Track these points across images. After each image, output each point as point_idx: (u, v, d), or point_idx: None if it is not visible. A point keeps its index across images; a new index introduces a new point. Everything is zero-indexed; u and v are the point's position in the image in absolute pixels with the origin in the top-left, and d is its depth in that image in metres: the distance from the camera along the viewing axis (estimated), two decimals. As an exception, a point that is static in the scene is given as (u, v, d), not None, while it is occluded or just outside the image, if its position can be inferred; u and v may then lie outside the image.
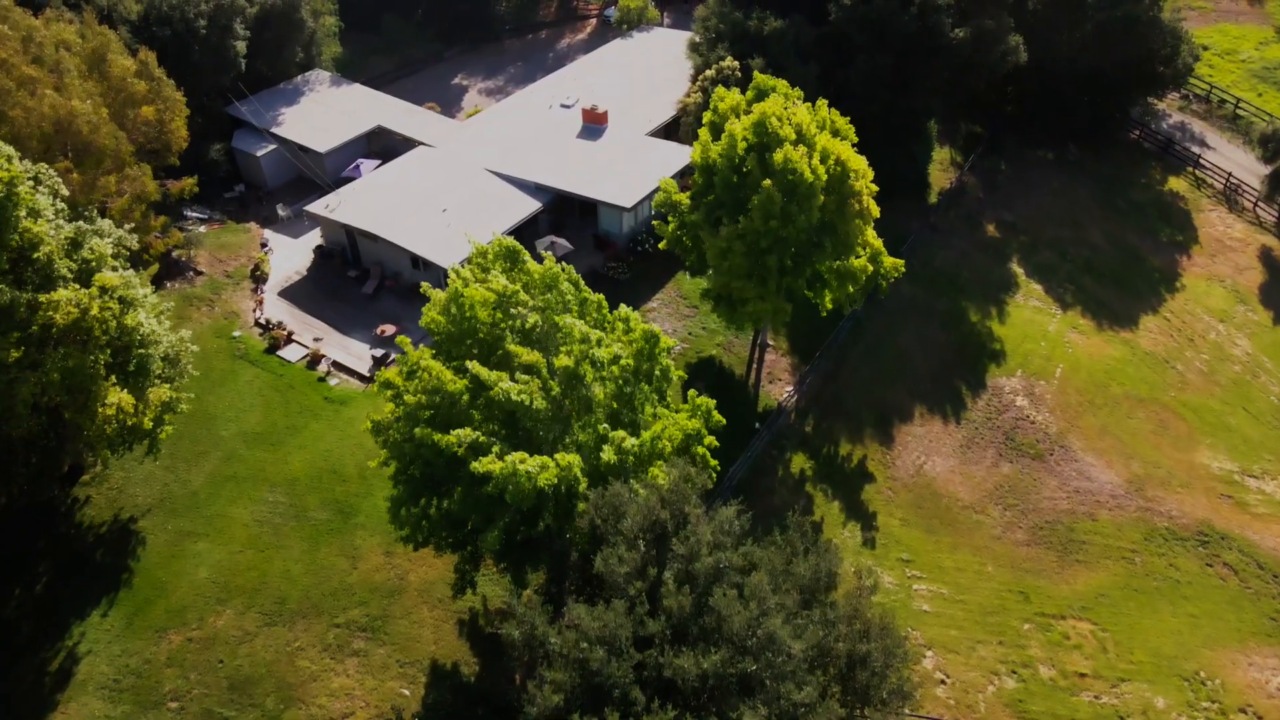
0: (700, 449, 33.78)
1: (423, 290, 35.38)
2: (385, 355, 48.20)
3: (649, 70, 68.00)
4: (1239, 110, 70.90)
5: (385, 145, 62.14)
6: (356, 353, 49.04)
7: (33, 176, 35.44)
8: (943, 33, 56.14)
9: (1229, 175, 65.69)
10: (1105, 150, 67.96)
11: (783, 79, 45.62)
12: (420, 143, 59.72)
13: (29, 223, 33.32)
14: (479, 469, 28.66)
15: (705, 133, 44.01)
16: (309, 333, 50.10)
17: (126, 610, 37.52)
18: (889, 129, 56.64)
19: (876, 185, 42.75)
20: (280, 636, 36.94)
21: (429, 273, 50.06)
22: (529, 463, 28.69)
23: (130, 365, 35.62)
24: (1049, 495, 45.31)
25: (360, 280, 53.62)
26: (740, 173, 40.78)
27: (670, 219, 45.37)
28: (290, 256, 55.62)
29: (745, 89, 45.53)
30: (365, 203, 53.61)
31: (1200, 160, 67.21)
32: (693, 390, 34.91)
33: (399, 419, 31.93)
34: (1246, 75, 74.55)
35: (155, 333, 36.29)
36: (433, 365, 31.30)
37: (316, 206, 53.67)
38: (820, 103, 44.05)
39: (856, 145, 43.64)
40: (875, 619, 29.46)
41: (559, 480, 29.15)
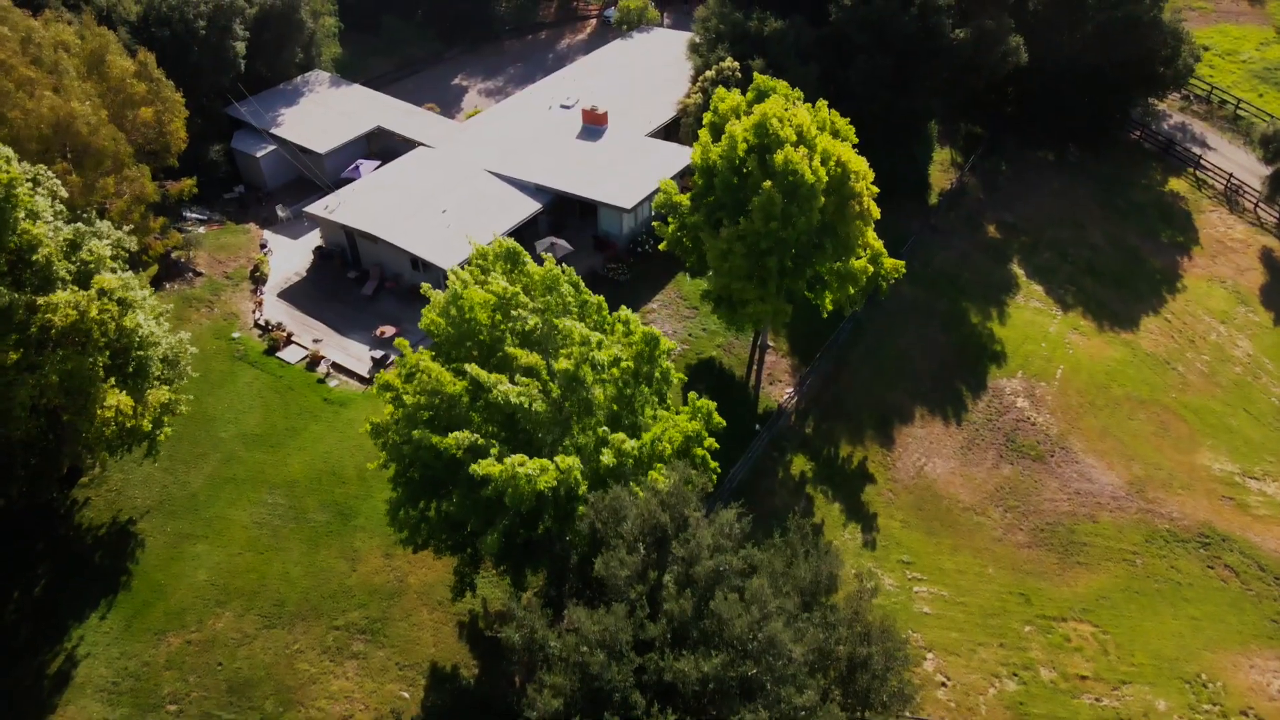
0: (700, 451, 33.70)
1: (423, 291, 35.30)
2: (385, 357, 48.12)
3: (649, 71, 67.91)
4: (1240, 111, 70.82)
5: (385, 146, 62.07)
6: (356, 354, 48.96)
7: (31, 178, 35.38)
8: (943, 33, 56.06)
9: (1230, 176, 65.60)
10: (1106, 151, 67.87)
11: (783, 79, 45.56)
12: (420, 143, 59.65)
13: (28, 224, 33.31)
14: (478, 472, 28.58)
15: (705, 134, 43.93)
16: (308, 334, 50.02)
17: (125, 612, 37.46)
18: (889, 129, 56.55)
19: (877, 186, 42.66)
20: (279, 639, 36.87)
21: (429, 274, 49.98)
22: (529, 465, 28.61)
23: (129, 367, 35.64)
24: (1050, 497, 45.22)
25: (360, 281, 53.56)
26: (741, 174, 40.69)
27: (670, 220, 45.28)
28: (290, 258, 55.56)
29: (745, 90, 45.43)
30: (365, 204, 53.54)
31: (1201, 161, 67.12)
32: (693, 393, 34.80)
33: (398, 421, 31.88)
34: (1247, 76, 74.48)
35: (154, 334, 36.27)
36: (432, 367, 31.20)
37: (316, 207, 53.60)
38: (820, 103, 43.95)
39: (856, 146, 43.55)
40: (876, 622, 29.41)
41: (559, 483, 29.08)
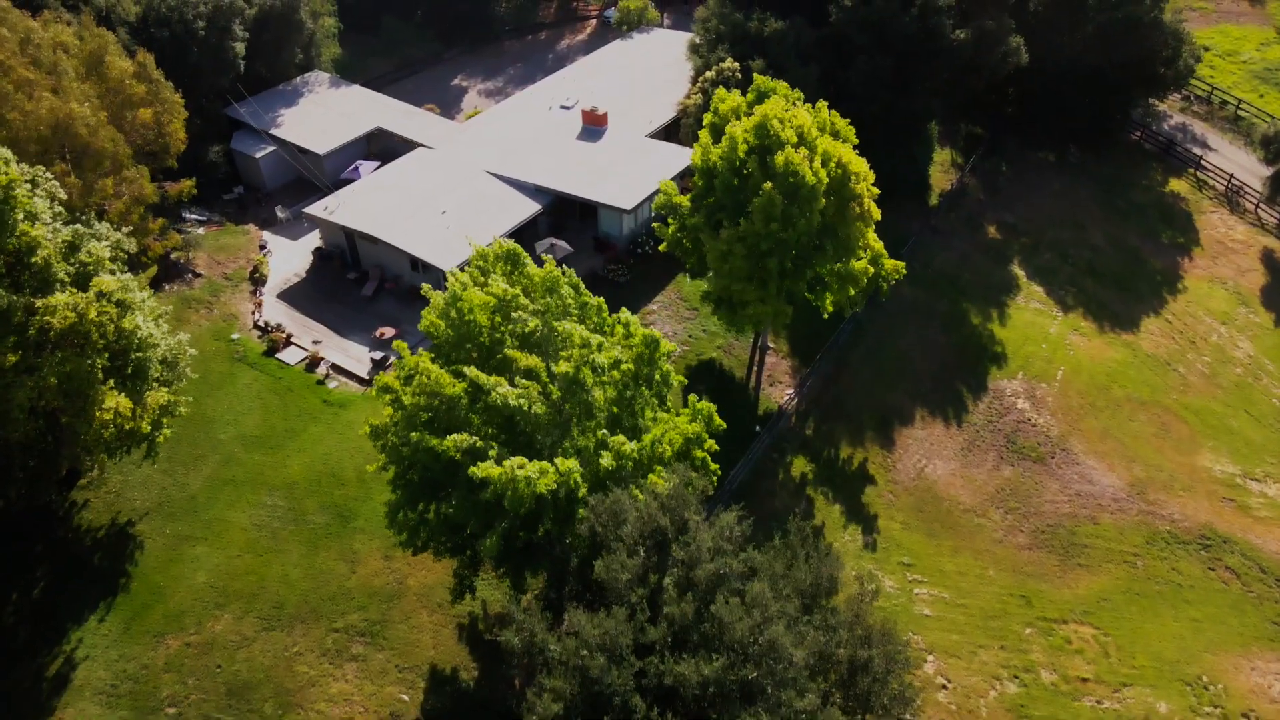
0: (700, 453, 33.60)
1: (423, 292, 35.22)
2: (384, 358, 48.04)
3: (649, 71, 67.82)
4: (1240, 112, 70.75)
5: (384, 147, 61.99)
6: (356, 355, 48.87)
7: (30, 180, 35.28)
8: (943, 34, 55.98)
9: (1230, 177, 65.51)
10: (1106, 152, 67.79)
11: (783, 80, 45.47)
12: (420, 144, 59.55)
13: (26, 226, 33.24)
14: (477, 474, 28.49)
15: (705, 135, 43.85)
16: (308, 335, 49.93)
17: (124, 615, 37.37)
18: (889, 130, 56.45)
19: (877, 188, 42.56)
20: (278, 641, 36.78)
21: (428, 275, 49.89)
22: (528, 468, 28.53)
23: (128, 369, 35.54)
24: (1050, 499, 45.14)
25: (359, 282, 53.47)
26: (741, 175, 40.60)
27: (670, 221, 45.20)
28: (289, 258, 55.46)
29: (745, 90, 45.35)
30: (364, 204, 53.45)
31: (1202, 162, 67.03)
32: (693, 395, 34.72)
33: (397, 423, 31.80)
34: (1248, 76, 74.41)
35: (153, 336, 36.19)
36: (431, 369, 31.12)
37: (315, 208, 53.51)
38: (820, 104, 43.87)
39: (856, 147, 43.47)
40: (877, 624, 29.36)
41: (558, 486, 29.00)
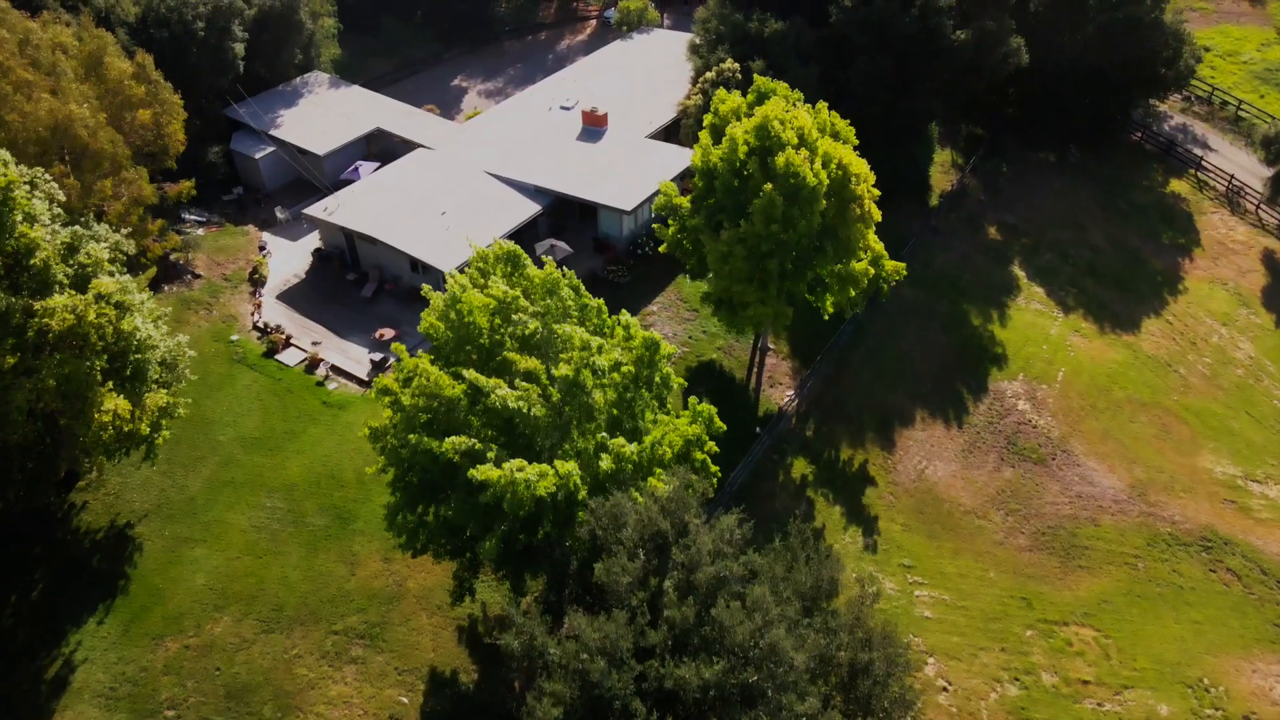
0: (700, 455, 33.52)
1: (423, 293, 35.14)
2: (384, 359, 47.96)
3: (649, 72, 67.74)
4: (1241, 112, 70.67)
5: (384, 147, 61.91)
6: (355, 357, 48.79)
7: (29, 181, 35.20)
8: (944, 34, 55.88)
9: (1231, 177, 65.42)
10: (1107, 152, 67.71)
11: (783, 81, 45.39)
12: (419, 145, 59.47)
13: (25, 228, 33.16)
14: (476, 477, 28.40)
15: (706, 135, 43.77)
16: (307, 336, 49.85)
17: (123, 617, 37.28)
18: (890, 131, 56.37)
19: (877, 189, 42.48)
20: (278, 644, 36.70)
21: (428, 276, 49.81)
22: (528, 471, 28.44)
23: (127, 370, 35.45)
24: (1051, 500, 45.07)
25: (359, 283, 53.38)
26: (741, 176, 40.51)
27: (670, 222, 45.13)
28: (289, 259, 55.37)
29: (745, 91, 45.26)
30: (364, 205, 53.37)
31: (1202, 162, 66.95)
32: (693, 397, 34.64)
33: (396, 425, 31.71)
34: (1248, 77, 74.33)
35: (152, 338, 36.10)
36: (430, 370, 31.04)
37: (315, 209, 53.43)
38: (820, 105, 43.78)
39: (857, 147, 43.40)
40: (877, 627, 29.26)
41: (558, 488, 28.91)
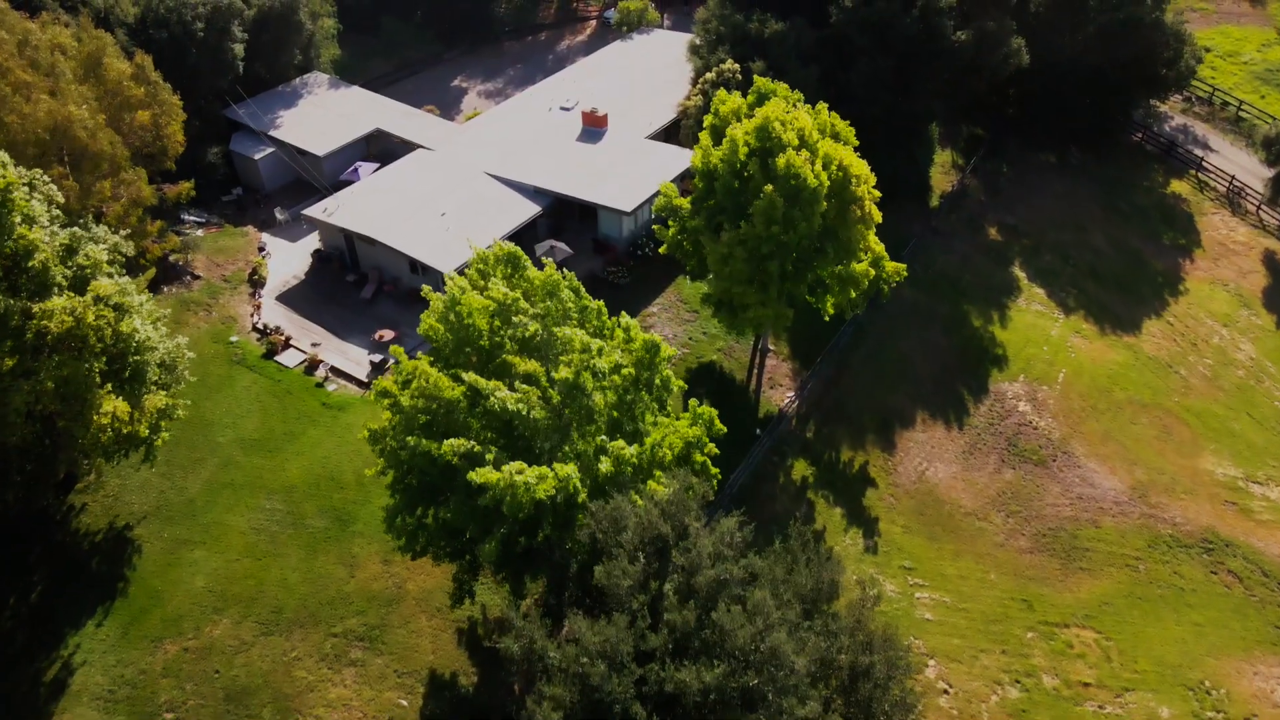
0: (701, 457, 33.44)
1: (423, 294, 35.06)
2: (383, 360, 47.87)
3: (649, 73, 67.63)
4: (1241, 113, 70.60)
5: (384, 148, 61.83)
6: (355, 358, 48.70)
7: (27, 183, 35.09)
8: (944, 35, 55.82)
9: (1232, 178, 65.35)
10: (1107, 153, 67.65)
11: (783, 81, 45.27)
12: (419, 146, 59.37)
13: (24, 229, 33.05)
14: (476, 479, 28.32)
15: (706, 137, 43.66)
16: (307, 338, 49.77)
17: (122, 619, 37.20)
18: (890, 132, 56.27)
19: (878, 190, 42.39)
20: (277, 646, 36.61)
21: (428, 277, 49.73)
22: (527, 473, 28.35)
23: (126, 372, 35.38)
24: (1052, 502, 44.99)
25: (358, 285, 53.29)
26: (742, 178, 40.40)
27: (670, 223, 45.01)
28: (288, 260, 55.28)
29: (746, 92, 45.16)
30: (363, 206, 53.28)
31: (1203, 163, 66.88)
32: (693, 399, 34.56)
33: (395, 427, 31.63)
34: (1249, 77, 74.25)
35: (151, 339, 36.00)
36: (429, 371, 30.95)
37: (314, 210, 53.35)
38: (821, 106, 43.69)
39: (857, 148, 43.27)
40: (878, 630, 29.19)
41: (557, 491, 28.82)
